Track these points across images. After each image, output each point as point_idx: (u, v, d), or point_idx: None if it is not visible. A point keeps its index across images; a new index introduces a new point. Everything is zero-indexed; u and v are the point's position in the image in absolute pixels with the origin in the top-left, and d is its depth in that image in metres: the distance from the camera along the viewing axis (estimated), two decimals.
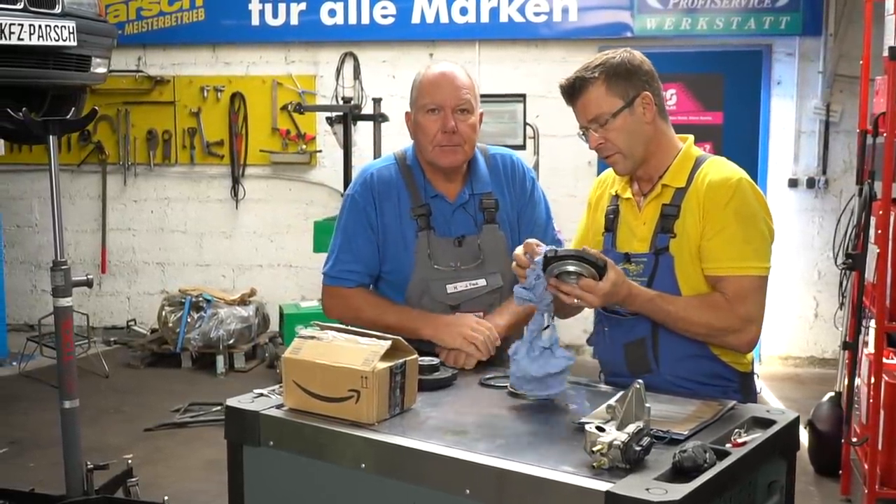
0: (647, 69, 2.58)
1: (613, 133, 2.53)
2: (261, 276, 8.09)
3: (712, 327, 2.47)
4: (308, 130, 7.84)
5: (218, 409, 6.08)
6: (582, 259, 2.33)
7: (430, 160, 2.88)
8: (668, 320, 2.49)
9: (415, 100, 2.88)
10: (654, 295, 2.46)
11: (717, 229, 2.47)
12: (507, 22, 7.43)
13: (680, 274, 2.51)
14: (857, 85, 6.79)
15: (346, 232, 2.94)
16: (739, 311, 2.45)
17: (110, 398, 6.47)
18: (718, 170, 2.54)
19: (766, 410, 2.30)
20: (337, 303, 2.97)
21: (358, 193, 2.93)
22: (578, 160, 7.41)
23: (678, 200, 2.54)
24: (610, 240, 2.69)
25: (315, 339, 2.33)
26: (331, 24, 7.63)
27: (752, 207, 2.49)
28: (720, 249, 2.47)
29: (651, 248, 2.56)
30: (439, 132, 2.81)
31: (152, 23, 7.93)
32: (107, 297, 8.34)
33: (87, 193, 8.27)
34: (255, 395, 2.41)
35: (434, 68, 2.88)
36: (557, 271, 2.34)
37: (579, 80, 2.54)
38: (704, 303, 2.47)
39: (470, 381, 2.62)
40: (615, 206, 2.70)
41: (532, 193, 3.03)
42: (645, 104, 2.53)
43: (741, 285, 2.45)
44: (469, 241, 2.90)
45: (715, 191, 2.48)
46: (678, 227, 2.52)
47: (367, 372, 2.17)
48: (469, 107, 2.84)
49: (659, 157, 2.59)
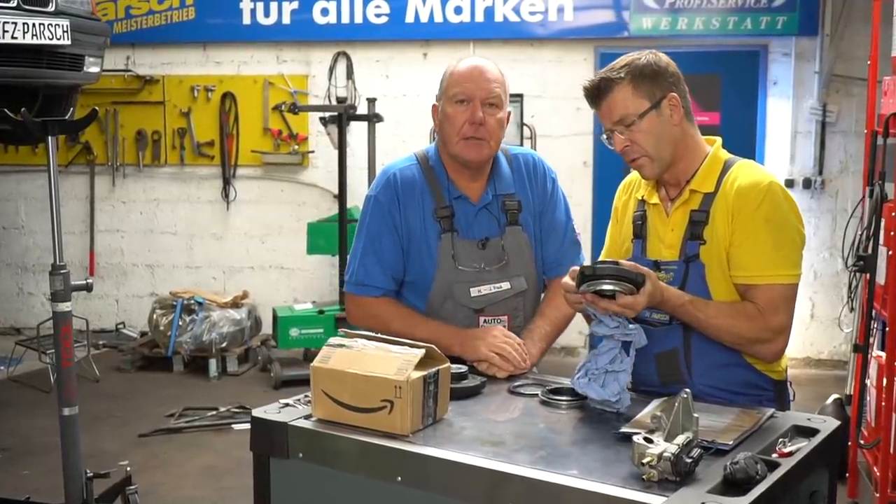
0: (674, 71, 2.53)
1: (640, 135, 2.48)
2: (252, 278, 8.02)
3: (742, 337, 2.42)
4: (300, 131, 7.78)
5: (213, 414, 6.03)
6: (619, 276, 2.27)
7: (455, 153, 2.80)
8: (698, 326, 2.44)
9: (444, 90, 2.81)
10: (686, 300, 2.40)
11: (747, 236, 2.41)
12: (502, 21, 7.39)
13: (711, 281, 2.46)
14: (853, 85, 6.86)
15: (370, 234, 2.85)
16: (772, 322, 2.40)
17: (102, 403, 6.35)
18: (748, 174, 2.48)
19: (807, 419, 2.25)
20: (362, 313, 2.89)
21: (381, 194, 2.85)
22: (574, 161, 7.41)
23: (707, 206, 2.48)
24: (640, 247, 2.62)
25: (344, 347, 2.26)
26: (323, 23, 7.57)
27: (783, 213, 2.43)
28: (750, 257, 2.41)
29: (681, 256, 2.50)
30: (466, 123, 2.74)
31: (141, 21, 7.84)
32: (95, 299, 8.17)
33: (74, 195, 8.17)
34: (281, 405, 2.33)
35: (466, 60, 2.82)
36: (594, 289, 2.29)
37: (604, 80, 2.49)
38: (737, 311, 2.42)
39: (499, 388, 2.56)
40: (642, 212, 2.65)
41: (553, 193, 2.97)
42: (672, 106, 2.48)
43: (772, 295, 2.40)
44: (493, 244, 2.84)
45: (744, 196, 2.42)
46: (708, 234, 2.47)
47: (402, 381, 2.10)
48: (498, 101, 2.77)
49: (686, 160, 2.54)
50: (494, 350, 2.68)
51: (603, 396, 2.31)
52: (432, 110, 2.89)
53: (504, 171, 2.90)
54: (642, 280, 2.28)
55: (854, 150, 7.05)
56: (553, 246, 2.95)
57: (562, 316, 2.88)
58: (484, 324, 2.84)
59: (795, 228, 2.45)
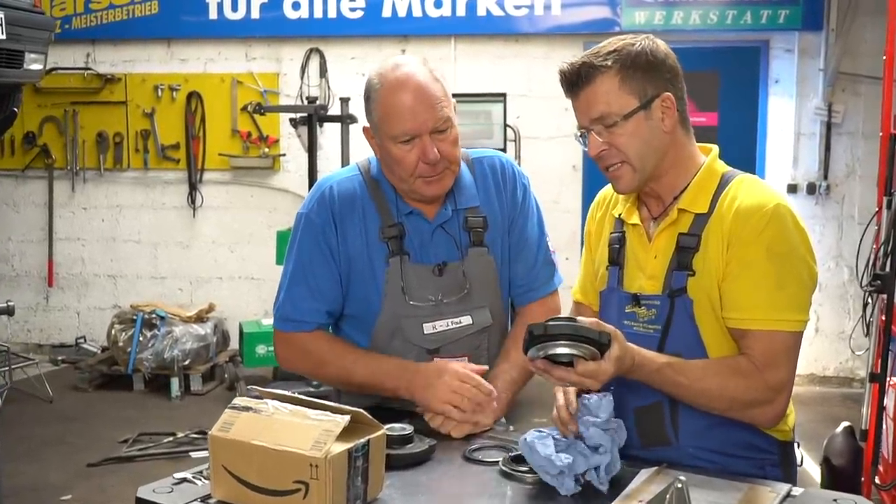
0: (672, 65, 2.06)
1: (622, 139, 2.02)
2: (221, 289, 7.64)
3: (735, 400, 1.96)
4: (271, 133, 7.41)
5: (170, 441, 5.61)
6: (578, 337, 1.81)
7: (411, 191, 2.34)
8: (680, 393, 1.99)
9: (378, 124, 2.30)
10: (662, 363, 1.95)
11: (744, 269, 1.96)
12: (485, 16, 7.03)
13: (701, 321, 2.01)
14: (860, 83, 6.57)
15: (301, 261, 2.39)
16: (769, 380, 1.95)
17: (53, 427, 5.95)
18: (750, 193, 2.02)
19: (834, 500, 1.79)
20: (292, 353, 2.43)
21: (314, 212, 2.38)
22: (563, 164, 7.09)
23: (698, 229, 2.03)
24: (616, 276, 2.17)
25: (251, 411, 1.80)
26: (295, 18, 7.22)
27: (791, 243, 1.97)
28: (746, 296, 1.96)
29: (665, 289, 2.05)
30: (419, 163, 2.26)
31: (102, 16, 7.45)
32: (54, 312, 7.85)
33: (32, 200, 7.80)
34: (175, 480, 1.88)
35: (397, 81, 2.25)
36: (545, 354, 1.83)
37: (586, 67, 2.02)
38: (726, 370, 1.96)
39: (451, 452, 2.09)
40: (620, 234, 2.19)
41: (524, 203, 2.49)
42: (665, 108, 2.02)
43: (772, 345, 1.95)
44: (452, 269, 2.36)
45: (744, 220, 1.97)
46: (698, 263, 2.01)
47: (318, 459, 1.66)
48: (450, 122, 2.28)
49: (675, 173, 2.08)
50: (448, 401, 2.21)
51: (550, 460, 1.83)
52: (365, 135, 2.39)
53: (465, 180, 2.42)
54: (607, 341, 1.83)
55: (861, 153, 6.74)
56: (523, 266, 2.47)
57: None
58: None
59: (805, 263, 1.99)
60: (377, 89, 2.28)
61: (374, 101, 2.29)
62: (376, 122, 2.30)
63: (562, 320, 1.84)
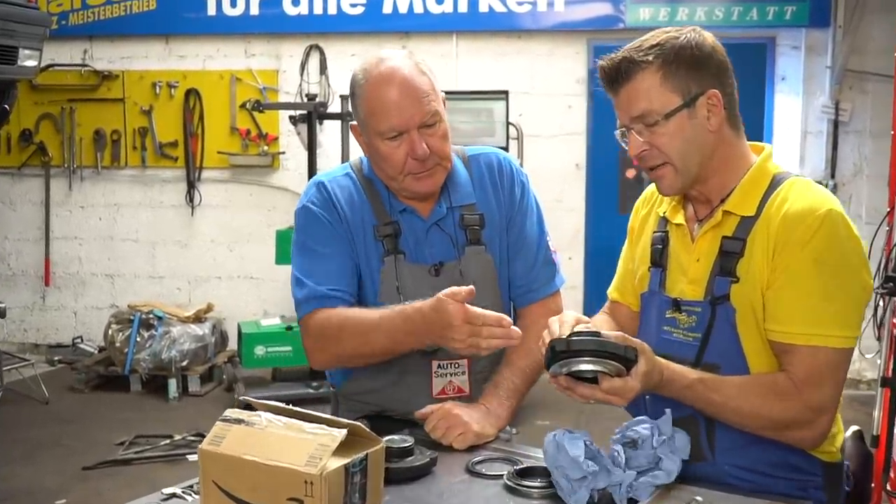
0: (720, 59, 1.95)
1: (664, 139, 1.92)
2: (219, 288, 7.56)
3: (772, 420, 1.86)
4: (270, 130, 7.32)
5: (167, 443, 5.53)
6: (602, 353, 1.72)
7: (402, 189, 2.26)
8: (712, 411, 1.89)
9: (365, 121, 2.22)
10: (693, 379, 1.86)
11: (790, 279, 1.85)
12: (488, 12, 6.94)
13: (743, 331, 1.91)
14: (868, 81, 6.47)
15: (307, 247, 2.28)
16: (811, 400, 1.83)
17: (49, 429, 5.87)
18: (800, 196, 1.89)
19: None
20: (318, 345, 2.24)
21: (314, 202, 2.30)
22: (566, 163, 7.00)
23: (744, 233, 1.92)
24: (658, 277, 2.08)
25: (243, 423, 1.71)
26: (294, 15, 7.14)
27: (842, 253, 1.85)
28: (790, 308, 1.85)
29: (706, 295, 1.95)
30: (408, 159, 2.18)
31: (99, 12, 7.36)
32: (51, 311, 7.78)
33: (29, 199, 7.73)
34: (164, 496, 1.80)
35: (382, 76, 2.17)
36: (569, 370, 1.74)
37: (627, 62, 1.92)
38: (764, 388, 1.86)
39: (453, 465, 2.00)
40: (663, 233, 2.10)
41: (523, 201, 2.39)
42: (711, 106, 1.91)
43: (814, 362, 1.83)
44: (448, 269, 2.28)
45: (792, 225, 1.85)
46: (742, 269, 1.91)
47: (313, 475, 1.57)
48: (437, 116, 2.19)
49: (723, 174, 1.97)
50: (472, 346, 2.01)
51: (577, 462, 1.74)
52: (353, 132, 2.31)
53: (461, 177, 2.34)
54: (633, 357, 1.74)
55: (869, 152, 6.65)
56: (523, 266, 2.38)
57: (534, 363, 2.29)
58: (438, 369, 2.29)
59: (856, 275, 1.87)
60: (362, 85, 2.20)
61: (360, 97, 2.21)
62: (363, 118, 2.22)
63: (585, 335, 1.75)
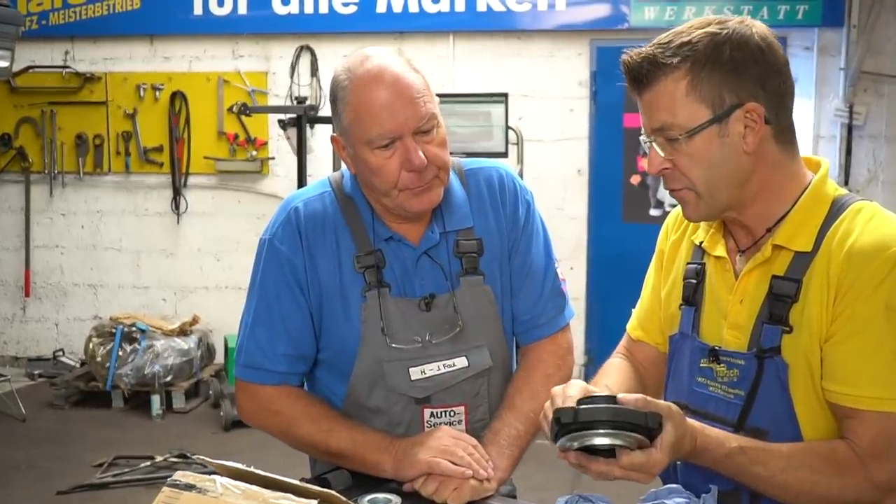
0: (770, 60, 1.59)
1: (685, 160, 1.60)
2: (206, 299, 7.32)
3: (829, 500, 1.54)
4: (259, 135, 7.10)
5: (147, 465, 5.26)
6: (619, 423, 1.43)
7: (396, 207, 1.95)
8: (756, 485, 1.57)
9: (349, 130, 1.90)
10: (733, 448, 1.55)
11: (855, 330, 1.54)
12: (486, 12, 6.71)
13: (797, 391, 1.59)
14: (884, 83, 6.32)
15: (265, 295, 2.00)
16: (878, 476, 1.51)
17: (25, 449, 5.60)
18: (869, 227, 1.57)
19: None
20: (257, 407, 2.03)
21: (278, 238, 2.00)
22: (568, 168, 6.77)
23: (798, 272, 1.60)
24: (690, 319, 1.77)
25: (195, 489, 1.43)
26: (284, 14, 6.92)
27: None
28: (855, 365, 1.54)
29: (751, 346, 1.63)
30: (403, 172, 1.88)
31: (81, 11, 7.13)
32: (31, 323, 7.54)
33: (8, 206, 7.50)
34: None
35: (369, 74, 1.87)
36: (581, 445, 1.46)
37: (650, 61, 1.59)
38: (818, 460, 1.54)
39: None
40: (699, 265, 1.78)
41: (527, 222, 2.09)
42: (749, 121, 1.57)
43: (883, 430, 1.51)
44: (440, 303, 1.99)
45: (859, 264, 1.54)
46: (796, 317, 1.58)
47: None
48: (435, 119, 1.90)
49: (766, 201, 1.64)
50: (440, 455, 1.83)
51: None
52: (334, 144, 2.00)
53: (457, 197, 2.04)
54: (657, 424, 1.43)
55: (884, 157, 6.46)
56: (528, 297, 2.09)
57: (539, 407, 1.98)
58: (431, 418, 1.99)
59: None
60: (345, 86, 1.89)
61: (343, 102, 1.90)
62: (346, 126, 1.91)
63: (598, 401, 1.46)
